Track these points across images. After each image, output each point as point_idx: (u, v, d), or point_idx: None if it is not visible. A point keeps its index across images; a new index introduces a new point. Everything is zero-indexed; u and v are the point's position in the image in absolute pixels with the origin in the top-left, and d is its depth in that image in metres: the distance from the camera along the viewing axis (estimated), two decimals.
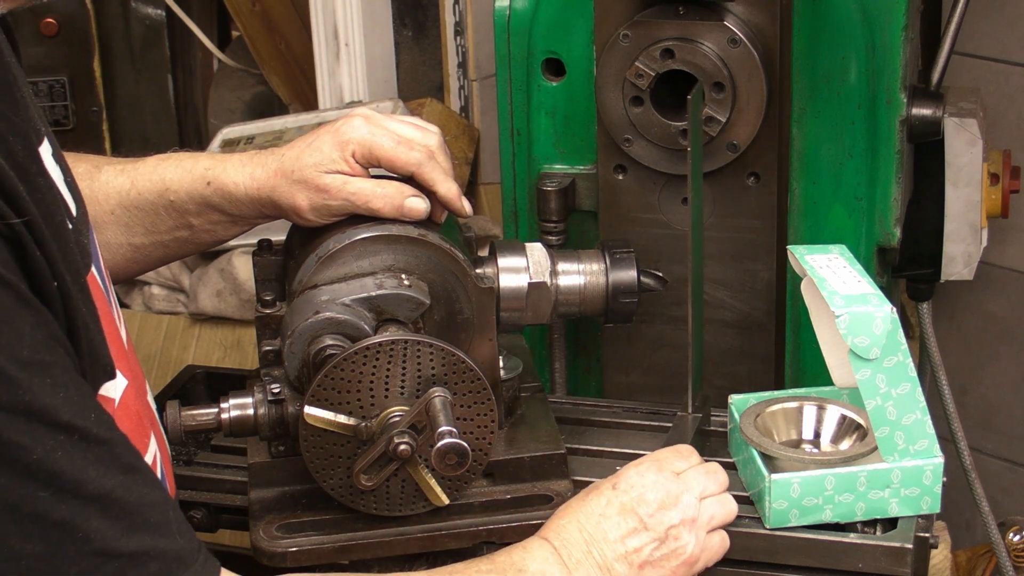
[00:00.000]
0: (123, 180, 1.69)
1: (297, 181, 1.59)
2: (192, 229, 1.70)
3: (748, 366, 2.04)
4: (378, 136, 1.59)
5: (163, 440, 1.48)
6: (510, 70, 2.06)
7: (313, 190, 1.59)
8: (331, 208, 1.59)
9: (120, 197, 1.69)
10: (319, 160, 1.59)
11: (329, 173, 1.58)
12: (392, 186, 1.59)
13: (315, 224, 1.62)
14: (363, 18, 2.64)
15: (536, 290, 1.68)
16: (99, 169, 1.71)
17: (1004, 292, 2.82)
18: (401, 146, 1.59)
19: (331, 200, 1.58)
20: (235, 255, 2.49)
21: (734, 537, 1.57)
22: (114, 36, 2.92)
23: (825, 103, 1.94)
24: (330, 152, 1.59)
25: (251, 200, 1.64)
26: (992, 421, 2.90)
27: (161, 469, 1.43)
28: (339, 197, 1.58)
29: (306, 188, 1.59)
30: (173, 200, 1.67)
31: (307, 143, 1.62)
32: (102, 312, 1.32)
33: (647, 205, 2.00)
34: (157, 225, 1.70)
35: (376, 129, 1.60)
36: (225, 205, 1.66)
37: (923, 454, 1.56)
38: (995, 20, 2.67)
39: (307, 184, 1.59)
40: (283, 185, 1.61)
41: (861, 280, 1.59)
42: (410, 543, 1.56)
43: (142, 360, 2.52)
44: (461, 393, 1.50)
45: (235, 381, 1.86)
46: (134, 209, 1.69)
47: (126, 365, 1.37)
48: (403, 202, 1.58)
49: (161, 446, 1.45)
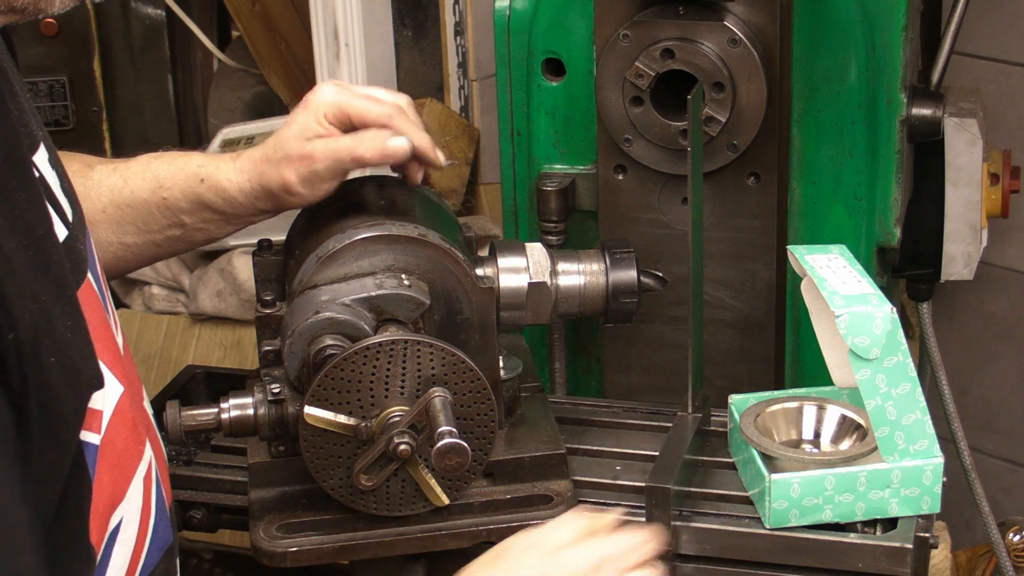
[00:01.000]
0: (116, 179, 1.69)
1: (281, 159, 1.61)
2: (184, 227, 1.70)
3: (748, 366, 2.04)
4: (346, 96, 1.62)
5: (159, 445, 1.47)
6: (510, 70, 2.06)
7: (298, 161, 1.60)
8: (319, 174, 1.60)
9: (112, 195, 1.69)
10: (295, 131, 1.61)
11: (308, 140, 1.60)
12: (371, 132, 1.60)
13: (310, 199, 1.62)
14: (363, 18, 2.64)
15: (536, 290, 1.68)
16: (91, 168, 1.71)
17: (1004, 292, 2.83)
18: (371, 101, 1.62)
19: (317, 165, 1.59)
20: (235, 255, 2.49)
21: (734, 537, 1.57)
22: (114, 36, 2.92)
23: (825, 103, 1.94)
24: (304, 120, 1.61)
25: (244, 194, 1.64)
26: (992, 421, 2.90)
27: (156, 476, 1.42)
28: (324, 159, 1.59)
29: (290, 162, 1.60)
30: (166, 198, 1.67)
31: (284, 124, 1.64)
32: (96, 322, 1.31)
33: (647, 205, 2.00)
34: (149, 224, 1.70)
35: (343, 91, 1.63)
36: (219, 203, 1.66)
37: (923, 454, 1.57)
38: (995, 20, 2.67)
39: (291, 158, 1.60)
40: (269, 168, 1.62)
41: (861, 280, 1.59)
42: (410, 543, 1.56)
43: (142, 360, 2.53)
44: (461, 393, 1.50)
45: (235, 381, 1.86)
46: (126, 207, 1.69)
47: (121, 371, 1.36)
48: (385, 143, 1.59)
49: (157, 451, 1.45)
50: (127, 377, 1.38)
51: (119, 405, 1.33)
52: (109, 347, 1.35)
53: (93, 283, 1.35)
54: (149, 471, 1.39)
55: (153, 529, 1.39)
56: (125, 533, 1.34)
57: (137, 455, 1.36)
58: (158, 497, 1.42)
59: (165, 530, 1.43)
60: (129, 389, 1.37)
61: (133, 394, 1.39)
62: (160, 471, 1.45)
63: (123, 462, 1.34)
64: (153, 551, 1.39)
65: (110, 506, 1.30)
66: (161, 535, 1.41)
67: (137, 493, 1.36)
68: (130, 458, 1.35)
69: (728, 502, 1.62)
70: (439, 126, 2.65)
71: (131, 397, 1.38)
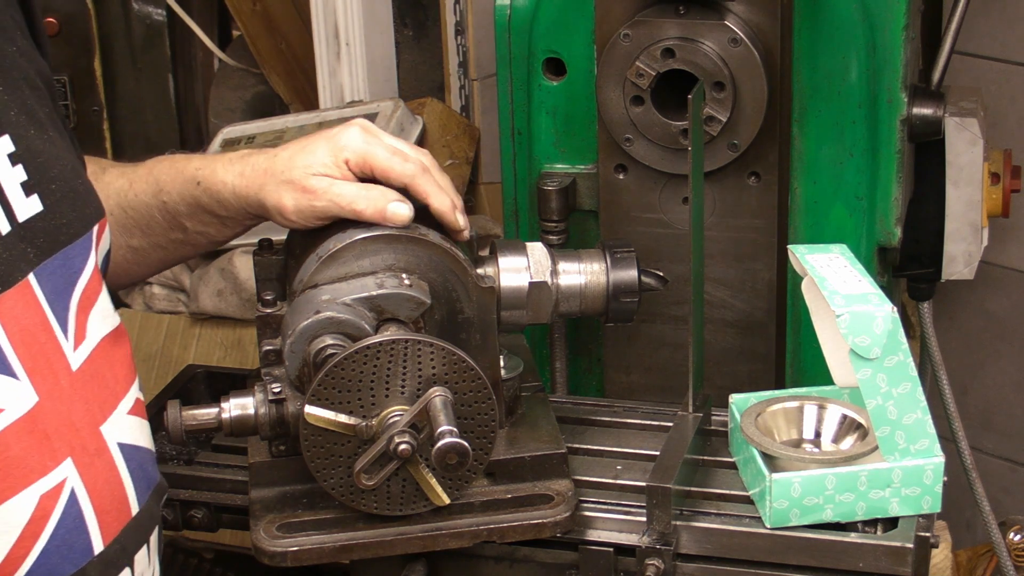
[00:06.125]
0: (123, 182, 1.70)
1: (285, 181, 1.60)
2: (185, 231, 1.70)
3: (749, 366, 2.04)
4: (373, 146, 1.61)
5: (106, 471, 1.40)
6: (511, 69, 2.06)
7: (300, 191, 1.59)
8: (315, 209, 1.59)
9: (119, 198, 1.69)
10: (311, 163, 1.60)
11: (317, 176, 1.59)
12: (377, 190, 1.59)
13: (298, 227, 1.62)
14: (364, 17, 2.64)
15: (537, 290, 1.68)
16: (104, 171, 1.71)
17: (1005, 292, 2.83)
18: (396, 157, 1.61)
19: (316, 201, 1.59)
20: (236, 255, 2.49)
21: (735, 536, 1.57)
22: (115, 36, 2.92)
23: (826, 103, 1.94)
24: (323, 157, 1.60)
25: (237, 199, 1.64)
26: (992, 420, 2.90)
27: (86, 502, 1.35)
28: (324, 198, 1.58)
29: (293, 188, 1.60)
30: (166, 201, 1.68)
31: (302, 146, 1.63)
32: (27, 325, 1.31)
33: (648, 205, 2.00)
34: (152, 227, 1.70)
35: (372, 139, 1.61)
36: (213, 206, 1.66)
37: (924, 453, 1.56)
38: (996, 20, 2.67)
39: (294, 185, 1.59)
40: (270, 184, 1.61)
41: (862, 280, 1.59)
42: (411, 543, 1.56)
43: (142, 360, 2.52)
44: (462, 392, 1.50)
45: (236, 381, 1.86)
46: (131, 210, 1.69)
47: (47, 383, 1.34)
48: (387, 205, 1.58)
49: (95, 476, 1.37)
50: (58, 390, 1.35)
51: (29, 414, 1.31)
52: (37, 355, 1.33)
53: (37, 287, 1.34)
54: (56, 492, 1.33)
55: (40, 555, 1.32)
56: None
57: (39, 469, 1.32)
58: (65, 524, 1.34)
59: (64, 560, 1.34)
60: (54, 403, 1.34)
61: (58, 410, 1.35)
62: (94, 498, 1.37)
63: (11, 469, 1.30)
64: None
65: None
66: (54, 563, 1.33)
67: (25, 507, 1.31)
68: (25, 469, 1.31)
69: (729, 501, 1.62)
70: (439, 126, 2.65)
71: (54, 412, 1.34)
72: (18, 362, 1.32)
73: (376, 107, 2.55)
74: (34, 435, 1.32)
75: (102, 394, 1.42)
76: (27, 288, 1.34)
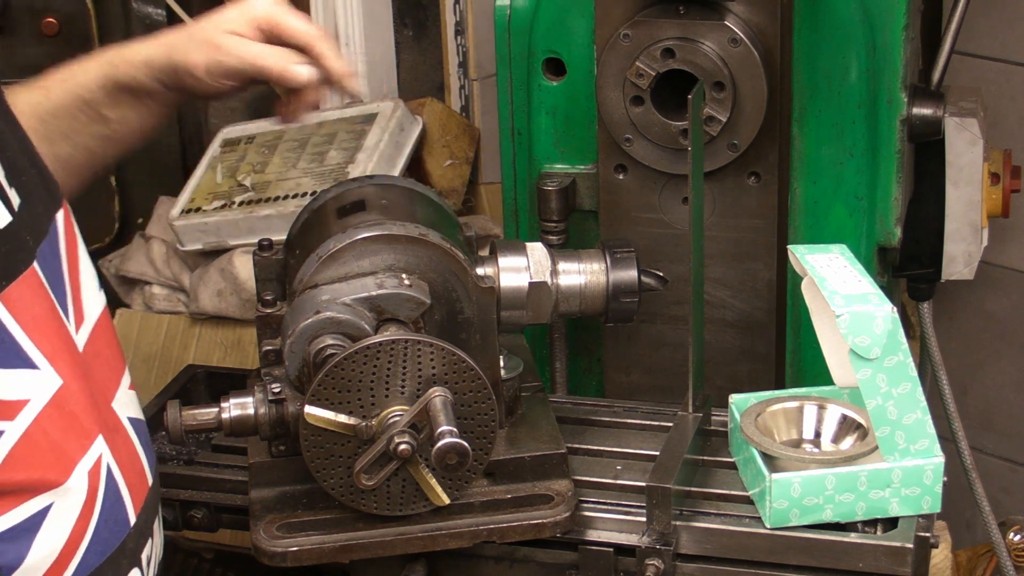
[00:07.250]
0: (36, 94, 1.71)
1: (196, 41, 1.65)
2: (108, 122, 1.71)
3: (748, 366, 2.04)
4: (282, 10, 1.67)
5: (125, 445, 1.45)
6: (511, 70, 2.06)
7: (211, 47, 1.63)
8: (224, 66, 1.63)
9: (34, 109, 1.69)
10: (218, 21, 1.66)
11: (227, 33, 1.64)
12: (282, 50, 1.65)
13: (209, 89, 1.65)
14: (364, 18, 2.64)
15: (537, 290, 1.68)
16: (16, 95, 1.70)
17: (1004, 292, 2.83)
18: (301, 19, 1.67)
19: (224, 58, 1.63)
20: (236, 255, 2.49)
21: (735, 537, 1.57)
22: (115, 36, 2.91)
23: (826, 103, 1.94)
24: (231, 16, 1.66)
25: (149, 65, 1.66)
26: (992, 421, 2.90)
27: (108, 473, 1.40)
28: (232, 54, 1.63)
29: (203, 46, 1.64)
30: (85, 96, 1.69)
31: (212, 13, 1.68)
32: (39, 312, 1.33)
33: (648, 205, 2.00)
34: (75, 127, 1.71)
35: (279, 4, 1.68)
36: (129, 80, 1.67)
37: (924, 454, 1.57)
38: (996, 19, 2.67)
39: (206, 42, 1.64)
40: (181, 43, 1.66)
41: (862, 280, 1.59)
42: (410, 543, 1.56)
43: (142, 360, 2.53)
44: (462, 393, 1.50)
45: (235, 381, 1.86)
46: (50, 118, 1.70)
47: (67, 365, 1.36)
48: (289, 64, 1.63)
49: (119, 450, 1.43)
50: (80, 372, 1.38)
51: (56, 398, 1.33)
52: (53, 339, 1.35)
53: (41, 273, 1.36)
54: (97, 468, 1.38)
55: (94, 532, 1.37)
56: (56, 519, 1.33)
57: (80, 448, 1.36)
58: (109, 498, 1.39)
59: (111, 533, 1.40)
60: (78, 385, 1.37)
61: (81, 389, 1.38)
62: (125, 473, 1.43)
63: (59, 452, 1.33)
64: (92, 554, 1.37)
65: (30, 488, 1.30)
66: (104, 537, 1.39)
67: (80, 485, 1.35)
68: (69, 450, 1.35)
69: (728, 501, 1.62)
70: (439, 126, 2.65)
71: (83, 393, 1.38)
72: (37, 351, 1.33)
73: (376, 107, 2.56)
74: (65, 417, 1.35)
75: (107, 372, 1.45)
76: (34, 275, 1.35)
